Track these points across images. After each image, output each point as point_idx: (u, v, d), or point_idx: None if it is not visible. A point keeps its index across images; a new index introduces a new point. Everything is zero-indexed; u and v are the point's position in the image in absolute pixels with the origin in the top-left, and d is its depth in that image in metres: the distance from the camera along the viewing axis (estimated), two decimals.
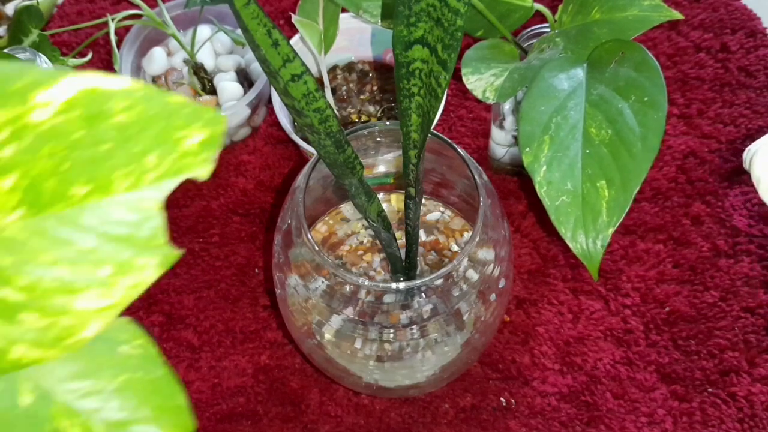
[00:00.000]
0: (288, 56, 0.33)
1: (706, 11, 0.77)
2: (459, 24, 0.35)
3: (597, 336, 0.59)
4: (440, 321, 0.48)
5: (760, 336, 0.58)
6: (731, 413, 0.54)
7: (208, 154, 0.23)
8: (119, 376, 0.26)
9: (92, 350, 0.26)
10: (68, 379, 0.26)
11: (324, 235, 0.58)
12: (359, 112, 0.68)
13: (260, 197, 0.67)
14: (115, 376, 0.26)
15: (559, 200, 0.45)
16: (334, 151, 0.40)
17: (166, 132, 0.23)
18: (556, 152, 0.46)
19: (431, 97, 0.39)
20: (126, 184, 0.23)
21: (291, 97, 0.35)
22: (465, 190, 0.56)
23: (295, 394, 0.57)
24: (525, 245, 0.64)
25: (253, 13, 0.30)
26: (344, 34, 0.67)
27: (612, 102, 0.46)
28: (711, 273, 0.61)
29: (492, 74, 0.53)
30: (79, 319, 0.23)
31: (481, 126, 0.71)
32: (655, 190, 0.66)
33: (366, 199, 0.45)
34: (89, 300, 0.23)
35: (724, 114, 0.70)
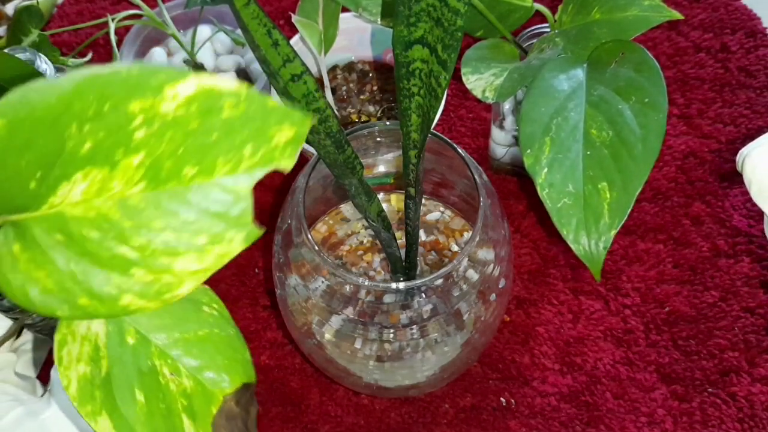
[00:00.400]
0: (288, 56, 0.33)
1: (706, 11, 0.77)
2: (459, 24, 0.35)
3: (597, 336, 0.59)
4: (440, 321, 0.48)
5: (760, 336, 0.58)
6: (731, 413, 0.54)
7: (293, 149, 0.27)
8: (200, 330, 0.32)
9: (181, 307, 0.32)
10: (162, 329, 0.31)
11: (324, 235, 0.58)
12: (359, 112, 0.68)
13: (260, 197, 0.67)
14: (197, 330, 0.31)
15: (561, 202, 0.45)
16: (334, 151, 0.40)
17: (263, 128, 0.26)
18: (557, 154, 0.46)
19: (431, 97, 0.39)
20: (226, 169, 0.28)
21: (291, 97, 0.35)
22: (465, 190, 0.56)
23: (295, 394, 0.57)
24: (525, 245, 0.64)
25: (253, 13, 0.30)
26: (344, 34, 0.67)
27: (612, 103, 0.46)
28: (711, 273, 0.61)
29: (492, 74, 0.53)
30: (178, 278, 0.28)
31: (481, 126, 0.71)
32: (655, 191, 0.66)
33: (366, 199, 0.45)
34: (187, 262, 0.28)
35: (724, 114, 0.70)
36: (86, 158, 0.27)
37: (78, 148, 0.26)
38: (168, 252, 0.28)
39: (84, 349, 0.29)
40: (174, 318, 0.31)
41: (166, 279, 0.28)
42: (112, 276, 0.28)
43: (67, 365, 0.28)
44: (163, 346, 0.31)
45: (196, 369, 0.31)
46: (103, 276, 0.28)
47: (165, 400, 0.30)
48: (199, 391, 0.31)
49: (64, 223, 0.27)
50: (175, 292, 0.28)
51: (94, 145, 0.26)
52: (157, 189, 0.27)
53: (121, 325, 0.30)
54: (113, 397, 0.29)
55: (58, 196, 0.27)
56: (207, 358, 0.31)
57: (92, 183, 0.27)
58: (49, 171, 0.27)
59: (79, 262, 0.27)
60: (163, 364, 0.31)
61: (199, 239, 0.28)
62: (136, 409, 0.29)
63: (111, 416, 0.29)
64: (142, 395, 0.30)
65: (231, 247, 0.28)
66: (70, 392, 0.28)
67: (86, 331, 0.29)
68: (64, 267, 0.27)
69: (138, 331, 0.31)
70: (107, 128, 0.26)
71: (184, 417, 0.31)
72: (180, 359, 0.31)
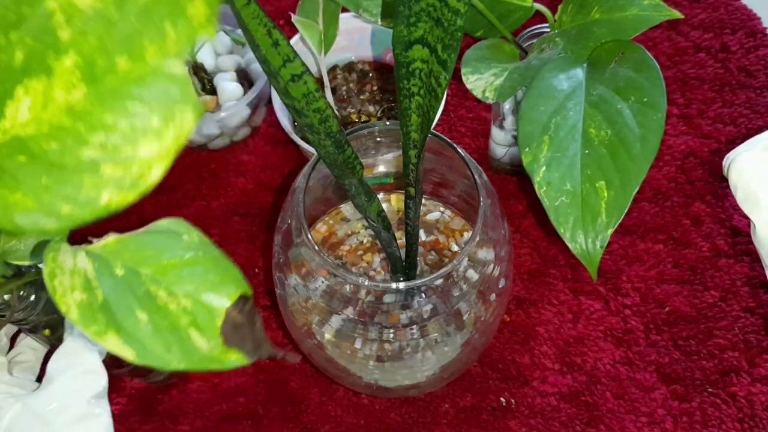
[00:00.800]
0: (288, 56, 0.33)
1: (706, 11, 0.77)
2: (459, 24, 0.35)
3: (597, 336, 0.59)
4: (440, 321, 0.48)
5: (760, 336, 0.58)
6: (731, 413, 0.54)
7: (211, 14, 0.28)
8: (185, 255, 0.32)
9: (160, 237, 0.33)
10: (147, 260, 0.32)
11: (324, 235, 0.58)
12: (359, 112, 0.68)
13: (260, 197, 0.67)
14: (183, 255, 0.32)
15: (559, 201, 0.45)
16: (334, 152, 0.40)
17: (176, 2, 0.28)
18: (555, 153, 0.46)
19: (431, 97, 0.39)
20: (154, 52, 0.29)
21: (291, 97, 0.35)
22: (465, 190, 0.56)
23: (295, 394, 0.57)
24: (525, 245, 0.64)
25: (254, 12, 0.30)
26: (344, 34, 0.67)
27: (611, 102, 0.46)
28: (711, 273, 0.61)
29: (492, 74, 0.53)
30: (146, 165, 0.29)
31: (481, 126, 0.71)
32: (655, 191, 0.66)
33: (366, 199, 0.45)
34: (149, 147, 0.29)
35: (724, 114, 0.70)
36: (22, 70, 0.27)
37: (11, 60, 0.27)
38: (128, 142, 0.29)
39: (75, 280, 0.30)
40: (156, 248, 0.32)
41: (135, 169, 0.29)
42: (84, 178, 0.29)
43: (62, 294, 0.29)
44: (153, 274, 0.32)
45: (192, 291, 0.32)
46: (76, 180, 0.29)
47: (168, 318, 0.31)
48: (199, 308, 0.32)
49: (22, 145, 0.29)
50: (148, 179, 0.29)
51: (26, 54, 0.27)
52: (98, 88, 0.29)
53: (106, 261, 0.31)
54: (115, 318, 0.30)
55: (7, 118, 0.28)
56: (199, 279, 0.32)
57: (35, 97, 0.28)
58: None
59: (50, 174, 0.29)
60: (157, 289, 0.31)
61: (152, 122, 0.29)
62: (140, 326, 0.30)
63: (118, 334, 0.30)
64: (144, 314, 0.31)
65: (185, 124, 0.29)
66: (72, 317, 0.29)
67: (73, 266, 0.30)
68: (36, 184, 0.29)
69: (125, 264, 0.32)
70: (32, 33, 0.27)
71: (191, 331, 0.31)
72: (173, 284, 0.32)
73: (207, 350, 0.31)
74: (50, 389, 0.40)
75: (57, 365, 0.41)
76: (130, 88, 0.29)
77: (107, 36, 0.28)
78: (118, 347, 0.30)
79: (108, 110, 0.29)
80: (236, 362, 0.32)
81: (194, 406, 0.57)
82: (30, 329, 0.44)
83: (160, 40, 0.29)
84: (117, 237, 0.33)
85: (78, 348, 0.41)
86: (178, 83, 0.29)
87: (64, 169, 0.29)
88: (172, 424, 0.56)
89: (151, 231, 0.34)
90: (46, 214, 0.29)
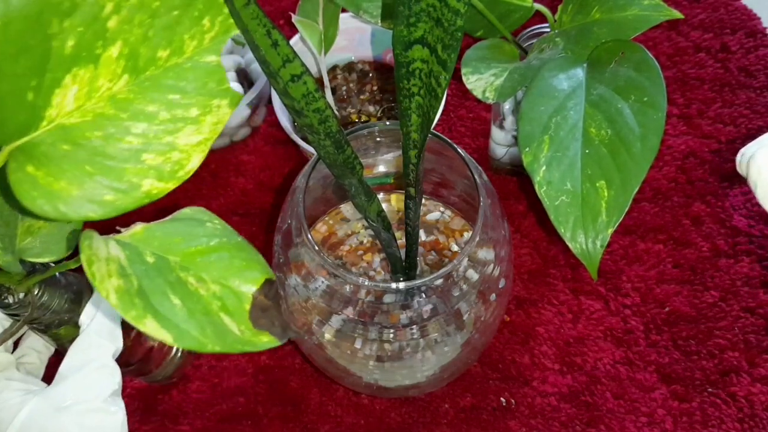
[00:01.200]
0: (287, 57, 0.33)
1: (706, 11, 0.77)
2: (459, 24, 0.35)
3: (597, 336, 0.59)
4: (440, 321, 0.48)
5: (760, 336, 0.58)
6: (731, 413, 0.54)
7: None
8: (211, 241, 0.33)
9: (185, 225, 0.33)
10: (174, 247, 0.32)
11: (324, 235, 0.58)
12: (359, 112, 0.68)
13: (260, 197, 0.67)
14: (208, 242, 0.33)
15: (559, 200, 0.45)
16: (333, 152, 0.40)
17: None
18: (555, 152, 0.46)
19: (431, 97, 0.39)
20: (193, 45, 0.30)
21: (291, 97, 0.35)
22: (465, 190, 0.56)
23: (295, 394, 0.57)
24: (525, 245, 0.64)
25: (253, 13, 0.30)
26: (344, 34, 0.67)
27: (612, 102, 0.46)
28: (711, 273, 0.61)
29: (492, 74, 0.53)
30: (185, 153, 0.31)
31: (481, 126, 0.71)
32: (655, 190, 0.66)
33: (366, 199, 0.45)
34: (188, 136, 0.30)
35: (724, 114, 0.70)
36: (71, 58, 0.28)
37: (62, 47, 0.27)
38: (168, 131, 0.30)
39: (111, 267, 0.30)
40: (182, 236, 0.33)
41: (174, 156, 0.30)
42: (127, 167, 0.30)
43: (100, 280, 0.29)
44: (181, 261, 0.32)
45: (219, 276, 0.32)
46: (118, 169, 0.30)
47: (200, 302, 0.31)
48: (228, 293, 0.32)
49: (66, 133, 0.29)
50: (186, 167, 0.31)
51: (76, 42, 0.28)
52: (139, 78, 0.29)
53: (137, 249, 0.32)
54: (151, 303, 0.30)
55: (54, 106, 0.28)
56: (225, 265, 0.33)
57: (81, 85, 0.28)
58: (42, 77, 0.28)
59: (93, 163, 0.29)
60: (187, 275, 0.32)
61: (191, 112, 0.30)
62: (175, 310, 0.31)
63: (156, 318, 0.30)
64: (177, 299, 0.31)
65: (221, 114, 0.31)
66: (111, 302, 0.29)
67: (107, 254, 0.30)
68: (81, 172, 0.29)
69: (154, 252, 0.32)
70: (84, 21, 0.27)
71: (222, 315, 0.32)
72: (201, 270, 0.32)
73: (239, 333, 0.32)
74: (65, 385, 0.40)
75: (72, 362, 0.41)
76: (169, 79, 0.30)
77: (150, 27, 0.29)
78: (157, 331, 0.30)
79: (149, 100, 0.30)
80: (268, 344, 0.32)
81: (194, 406, 0.57)
82: (42, 329, 0.44)
83: (199, 33, 0.30)
84: (144, 226, 0.33)
85: (93, 345, 0.41)
86: (215, 75, 0.31)
87: (108, 158, 0.29)
88: (172, 424, 0.56)
89: (176, 219, 0.34)
90: (90, 202, 0.30)
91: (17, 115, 0.28)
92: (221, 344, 0.31)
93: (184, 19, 0.30)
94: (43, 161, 0.29)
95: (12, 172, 0.29)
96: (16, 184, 0.29)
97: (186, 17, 0.30)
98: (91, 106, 0.29)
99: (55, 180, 0.29)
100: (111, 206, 0.30)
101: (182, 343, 0.30)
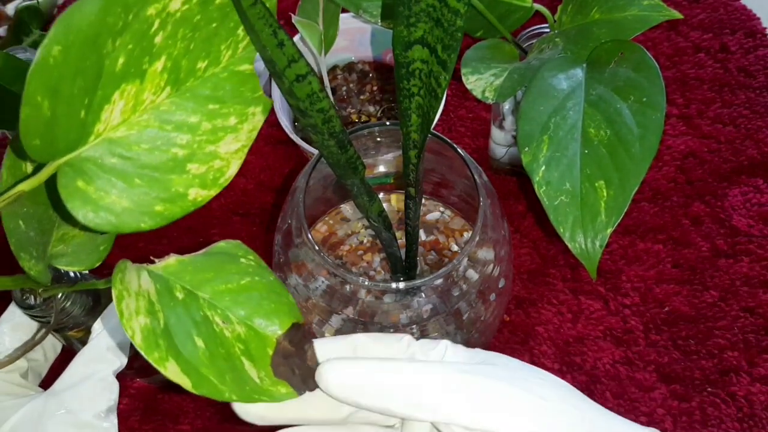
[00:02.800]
0: (293, 57, 0.33)
1: (705, 11, 0.77)
2: (459, 24, 0.35)
3: (597, 336, 0.59)
4: (440, 321, 0.48)
5: (760, 336, 0.58)
6: (731, 413, 0.55)
7: None
8: (242, 279, 0.33)
9: (219, 260, 0.33)
10: (205, 283, 0.32)
11: (324, 235, 0.58)
12: (359, 112, 0.68)
13: (260, 197, 0.68)
14: (239, 280, 0.33)
15: (558, 200, 0.45)
16: (337, 151, 0.40)
17: None
18: (554, 152, 0.46)
19: (431, 97, 0.39)
20: (228, 54, 0.32)
21: (296, 97, 0.35)
22: (465, 190, 0.56)
23: None
24: (525, 245, 0.64)
25: (260, 13, 0.30)
26: (344, 34, 0.67)
27: (611, 102, 0.46)
28: (710, 273, 0.61)
29: (492, 74, 0.53)
30: (225, 161, 0.32)
31: (481, 126, 0.71)
32: (655, 190, 0.66)
33: (368, 199, 0.45)
34: (228, 144, 0.32)
35: (723, 114, 0.70)
36: (121, 75, 0.28)
37: (113, 65, 0.28)
38: (210, 140, 0.31)
39: (140, 304, 0.30)
40: (215, 271, 0.33)
41: (216, 164, 0.31)
42: (173, 177, 0.30)
43: (128, 318, 0.29)
44: (210, 298, 0.32)
45: (246, 316, 0.32)
46: (166, 180, 0.30)
47: (223, 345, 0.31)
48: (252, 336, 0.32)
49: (113, 147, 0.30)
50: (227, 174, 0.32)
51: (126, 59, 0.28)
52: (180, 89, 0.30)
53: (168, 283, 0.32)
54: (175, 344, 0.30)
55: (102, 122, 0.29)
56: (254, 305, 0.32)
57: (127, 100, 0.29)
58: (93, 95, 0.28)
59: (141, 176, 0.30)
60: (213, 314, 0.32)
61: (230, 120, 0.31)
62: (198, 353, 0.31)
63: (177, 361, 0.30)
64: (201, 341, 0.31)
65: (255, 121, 0.32)
66: (136, 342, 0.29)
67: (138, 288, 0.31)
68: (129, 184, 0.30)
69: (185, 287, 0.32)
70: (134, 38, 0.28)
71: (243, 359, 0.32)
72: (228, 309, 0.32)
73: (258, 381, 0.32)
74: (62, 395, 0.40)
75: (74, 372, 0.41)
76: (207, 89, 0.31)
77: (192, 40, 0.30)
78: (177, 375, 0.30)
79: (191, 111, 0.31)
80: (285, 396, 0.32)
81: (194, 406, 0.57)
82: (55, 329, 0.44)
83: (234, 43, 0.31)
84: (177, 258, 0.33)
85: (98, 358, 0.41)
86: (249, 83, 0.32)
87: (154, 169, 0.30)
88: (173, 424, 0.57)
89: (210, 253, 0.34)
90: (141, 213, 0.30)
91: (69, 133, 0.29)
92: (239, 393, 0.31)
93: (221, 30, 0.31)
94: (92, 176, 0.30)
95: (62, 187, 0.29)
96: (68, 199, 0.29)
97: (223, 28, 0.31)
98: (136, 119, 0.30)
99: (105, 194, 0.30)
100: (161, 216, 0.31)
101: (200, 390, 0.30)
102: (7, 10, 0.77)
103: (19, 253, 0.35)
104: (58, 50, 0.26)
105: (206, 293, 0.32)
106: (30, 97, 0.26)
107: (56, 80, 0.27)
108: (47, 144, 0.28)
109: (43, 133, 0.28)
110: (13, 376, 0.42)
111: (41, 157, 0.29)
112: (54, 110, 0.27)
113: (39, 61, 0.26)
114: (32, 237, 0.36)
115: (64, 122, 0.28)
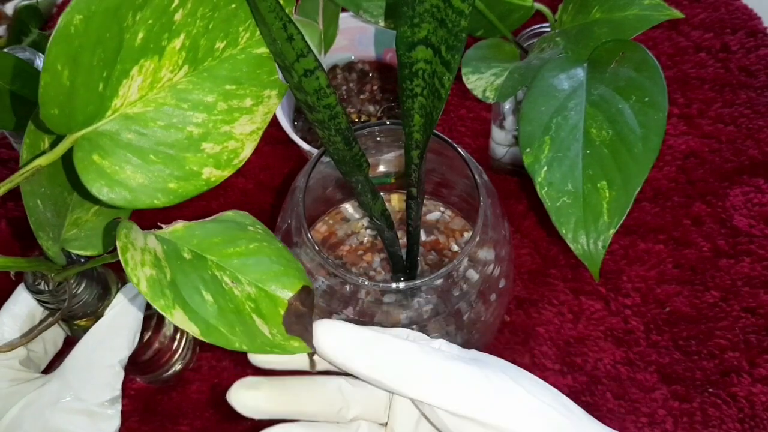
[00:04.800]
0: (302, 51, 0.33)
1: (706, 11, 0.77)
2: (463, 25, 0.35)
3: (597, 336, 0.59)
4: (440, 321, 0.48)
5: (761, 336, 0.58)
6: (732, 413, 0.54)
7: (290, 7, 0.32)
8: (251, 243, 0.33)
9: (227, 227, 0.33)
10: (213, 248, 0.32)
11: (324, 235, 0.58)
12: (359, 112, 0.68)
13: (260, 197, 0.67)
14: (248, 245, 0.33)
15: (560, 201, 0.45)
16: (343, 147, 0.40)
17: None
18: (556, 153, 0.46)
19: (434, 97, 0.38)
20: (246, 36, 0.32)
21: (304, 92, 0.35)
22: (465, 190, 0.56)
23: None
24: (525, 245, 0.64)
25: (270, 6, 0.30)
26: (344, 34, 0.67)
27: (612, 102, 0.46)
28: (711, 273, 0.61)
29: (492, 74, 0.53)
30: (240, 142, 0.32)
31: (481, 126, 0.71)
32: (656, 190, 0.66)
33: (371, 197, 0.45)
34: (242, 125, 0.32)
35: (724, 114, 0.70)
36: (140, 50, 0.29)
37: (133, 39, 0.28)
38: (225, 120, 0.31)
39: (146, 257, 0.30)
40: (222, 236, 0.33)
41: (231, 145, 0.31)
42: (188, 155, 0.31)
43: (133, 267, 0.29)
44: (219, 260, 0.32)
45: (256, 278, 0.32)
46: (180, 158, 0.30)
47: (233, 302, 0.31)
48: (263, 296, 0.32)
49: (130, 122, 0.30)
50: (241, 155, 0.32)
51: (146, 34, 0.28)
52: (198, 68, 0.30)
53: (175, 245, 0.32)
54: (182, 296, 0.30)
55: (119, 97, 0.29)
56: (263, 268, 0.32)
57: (145, 76, 0.29)
58: (113, 69, 0.28)
59: (157, 152, 0.30)
60: (222, 274, 0.32)
61: (246, 102, 0.31)
62: (207, 306, 0.30)
63: (184, 310, 0.30)
64: (209, 296, 0.31)
65: (271, 104, 0.32)
66: (141, 289, 0.29)
67: (144, 245, 0.31)
68: (145, 161, 0.30)
69: (192, 249, 0.32)
70: (154, 13, 0.28)
71: (255, 317, 0.32)
72: (238, 270, 0.32)
73: (269, 336, 0.32)
74: (66, 380, 0.40)
75: (78, 357, 0.41)
76: (224, 70, 0.31)
77: (211, 19, 0.30)
78: (184, 322, 0.30)
79: (208, 90, 0.31)
80: (299, 349, 0.32)
81: (194, 406, 0.57)
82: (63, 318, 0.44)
83: (252, 25, 0.31)
84: (184, 224, 0.33)
85: (104, 344, 0.41)
86: (266, 65, 0.32)
87: (169, 146, 0.30)
88: (172, 424, 0.56)
89: (218, 220, 0.34)
90: (155, 190, 0.30)
91: (88, 105, 0.29)
92: (249, 344, 0.31)
93: (240, 11, 0.31)
94: (108, 150, 0.30)
95: (79, 161, 0.30)
96: (83, 172, 0.30)
97: (242, 9, 0.31)
98: (153, 96, 0.30)
99: (120, 169, 0.30)
100: (174, 194, 0.31)
101: (209, 338, 0.30)
102: (7, 9, 0.77)
103: (38, 231, 0.35)
104: (79, 19, 0.26)
105: (214, 256, 0.32)
106: (50, 65, 0.26)
107: (76, 49, 0.27)
108: (65, 115, 0.28)
109: (62, 103, 0.28)
110: (12, 363, 0.42)
111: (59, 128, 0.29)
112: (73, 80, 0.27)
113: (60, 29, 0.26)
114: (49, 218, 0.36)
115: (82, 93, 0.28)
